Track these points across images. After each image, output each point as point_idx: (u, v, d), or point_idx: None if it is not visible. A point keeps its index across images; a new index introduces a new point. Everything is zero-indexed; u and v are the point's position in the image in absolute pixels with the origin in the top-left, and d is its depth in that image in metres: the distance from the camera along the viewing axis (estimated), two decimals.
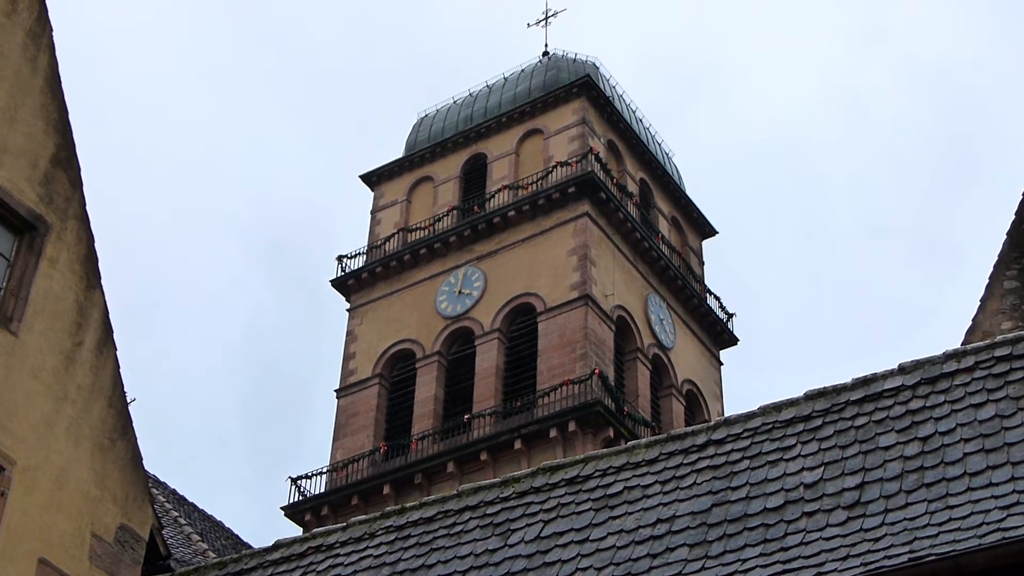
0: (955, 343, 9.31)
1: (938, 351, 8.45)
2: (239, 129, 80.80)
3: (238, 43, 77.60)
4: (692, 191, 31.86)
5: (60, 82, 10.84)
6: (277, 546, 9.51)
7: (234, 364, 76.47)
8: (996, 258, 9.46)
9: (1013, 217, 9.38)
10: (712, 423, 9.03)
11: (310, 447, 75.18)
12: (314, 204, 79.75)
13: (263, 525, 47.39)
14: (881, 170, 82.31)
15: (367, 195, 30.18)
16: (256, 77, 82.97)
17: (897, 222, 75.65)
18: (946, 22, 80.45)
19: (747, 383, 58.62)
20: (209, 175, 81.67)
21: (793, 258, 76.77)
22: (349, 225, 68.06)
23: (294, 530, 22.72)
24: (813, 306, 74.86)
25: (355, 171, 31.25)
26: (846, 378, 8.73)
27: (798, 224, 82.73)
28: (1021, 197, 9.66)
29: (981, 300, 9.39)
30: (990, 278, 9.40)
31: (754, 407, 8.86)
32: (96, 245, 10.71)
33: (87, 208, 10.38)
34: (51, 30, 10.82)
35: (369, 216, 28.97)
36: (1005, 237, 9.50)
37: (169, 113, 77.61)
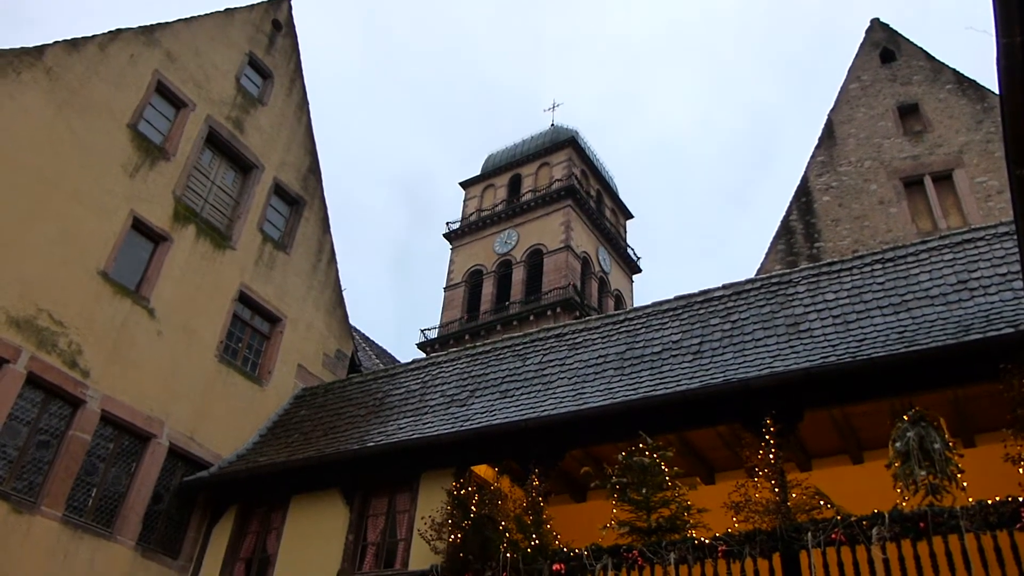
0: (751, 273, 14.35)
1: (750, 271, 13.47)
2: (405, 133, 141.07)
3: (404, 89, 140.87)
4: (621, 190, 53.57)
5: (312, 128, 17.40)
6: (413, 363, 15.42)
7: (383, 262, 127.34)
8: (774, 234, 14.42)
9: (786, 208, 14.38)
10: (627, 310, 13.85)
11: (430, 315, 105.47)
12: (432, 176, 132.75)
13: (404, 352, 68.88)
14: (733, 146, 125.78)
15: (460, 189, 50.27)
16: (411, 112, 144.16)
17: (730, 182, 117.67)
18: None
19: (647, 292, 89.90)
20: (381, 146, 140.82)
21: (674, 226, 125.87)
22: (450, 199, 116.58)
23: (420, 354, 38.03)
24: (682, 252, 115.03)
25: (456, 176, 60.92)
26: (700, 287, 13.49)
27: (678, 204, 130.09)
28: (793, 194, 14.25)
29: (765, 255, 14.55)
30: (769, 246, 14.40)
31: (648, 304, 13.73)
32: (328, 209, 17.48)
33: (324, 192, 16.91)
34: (307, 102, 17.35)
35: (462, 203, 48.67)
36: (779, 225, 14.44)
37: (368, 129, 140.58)
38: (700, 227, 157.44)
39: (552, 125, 50.68)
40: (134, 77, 14.50)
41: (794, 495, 9.03)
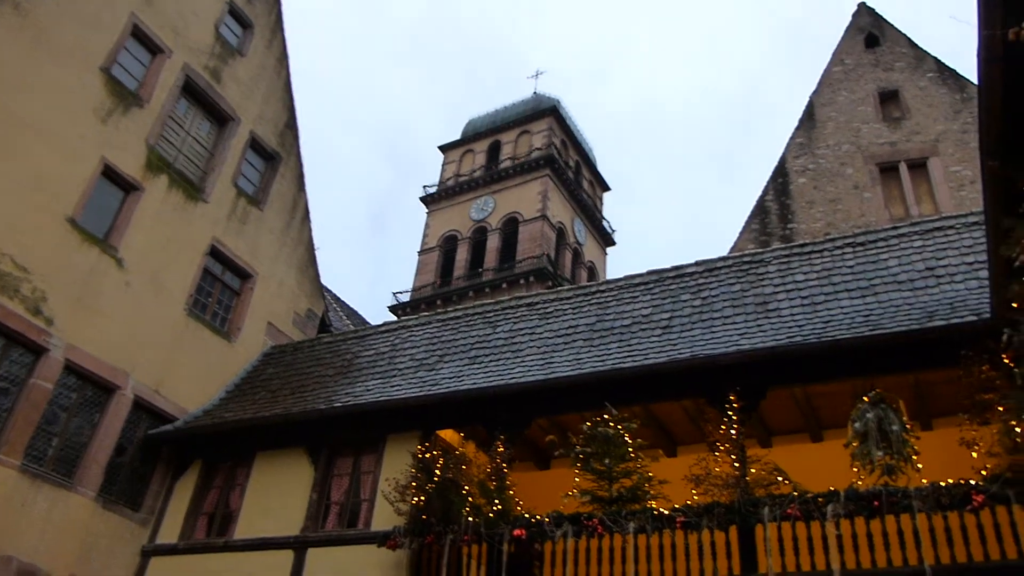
0: (725, 251, 14.64)
1: (723, 250, 13.54)
2: (390, 80, 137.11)
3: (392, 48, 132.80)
4: (599, 161, 52.45)
5: (291, 83, 17.10)
6: (384, 325, 15.46)
7: (359, 221, 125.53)
8: (749, 213, 14.66)
9: (762, 188, 14.59)
10: (599, 282, 13.96)
11: (403, 278, 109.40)
12: (412, 133, 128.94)
13: (375, 314, 68.06)
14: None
15: (439, 151, 49.30)
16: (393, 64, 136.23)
17: (715, 151, 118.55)
18: None
19: (620, 266, 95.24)
20: (362, 102, 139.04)
21: (650, 199, 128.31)
22: (429, 159, 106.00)
23: (391, 317, 38.32)
24: (660, 225, 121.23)
25: (437, 139, 63.15)
26: (672, 263, 13.38)
27: (657, 175, 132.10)
28: (766, 182, 14.47)
29: (739, 234, 14.80)
30: (743, 225, 14.61)
31: (620, 276, 13.80)
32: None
33: (300, 149, 16.79)
34: (287, 56, 17.13)
35: (440, 166, 47.86)
36: (754, 204, 14.65)
37: (350, 84, 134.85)
38: (679, 202, 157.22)
39: (534, 93, 50.36)
40: (109, 19, 14.11)
41: (753, 470, 9.26)
